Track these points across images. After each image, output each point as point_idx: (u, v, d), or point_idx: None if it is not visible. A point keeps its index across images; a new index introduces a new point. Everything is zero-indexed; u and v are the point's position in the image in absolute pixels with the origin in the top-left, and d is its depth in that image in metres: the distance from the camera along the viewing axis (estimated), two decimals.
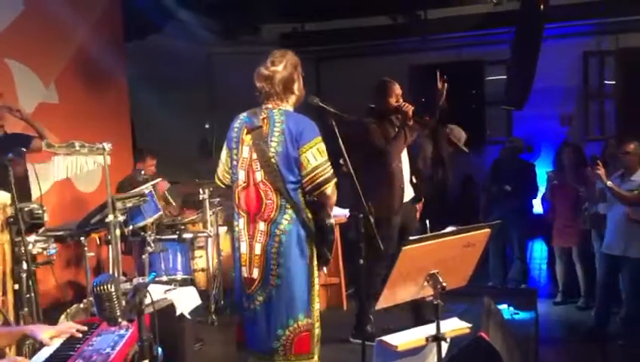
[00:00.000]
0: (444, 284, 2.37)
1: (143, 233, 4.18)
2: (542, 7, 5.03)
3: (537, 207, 6.35)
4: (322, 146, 2.70)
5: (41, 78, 5.12)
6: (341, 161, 3.09)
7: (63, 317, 3.44)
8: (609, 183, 4.28)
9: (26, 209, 2.90)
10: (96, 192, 5.53)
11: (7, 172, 2.76)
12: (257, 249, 2.68)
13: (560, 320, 5.19)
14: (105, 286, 1.57)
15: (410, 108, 3.85)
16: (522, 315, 4.43)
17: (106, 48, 5.61)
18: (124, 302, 1.62)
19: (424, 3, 7.39)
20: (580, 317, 5.14)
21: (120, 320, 1.63)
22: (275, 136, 2.68)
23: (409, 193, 4.06)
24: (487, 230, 2.50)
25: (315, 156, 2.66)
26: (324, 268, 2.89)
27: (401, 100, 3.93)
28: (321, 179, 2.67)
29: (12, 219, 2.69)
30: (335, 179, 2.72)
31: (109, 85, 5.91)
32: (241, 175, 2.74)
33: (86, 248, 3.78)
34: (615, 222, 4.42)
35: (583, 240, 5.27)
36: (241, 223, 2.73)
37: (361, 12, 7.88)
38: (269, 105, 2.75)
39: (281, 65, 2.73)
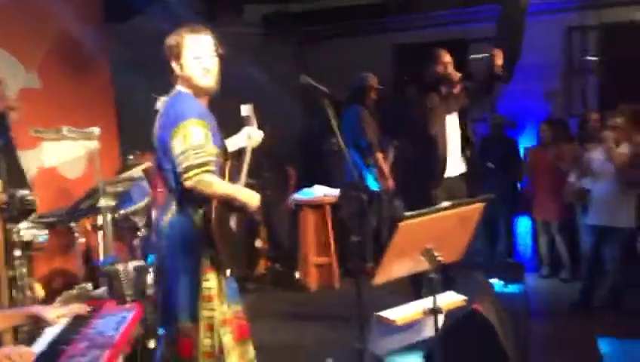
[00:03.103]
0: (439, 259, 2.40)
1: (133, 217, 4.16)
2: None
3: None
4: (191, 131, 2.39)
5: (23, 63, 5.01)
6: (333, 140, 3.10)
7: (56, 303, 3.43)
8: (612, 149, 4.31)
9: (17, 195, 2.87)
10: (81, 179, 5.45)
11: None
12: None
13: (546, 293, 5.29)
14: (113, 266, 1.57)
15: (455, 75, 3.79)
16: (510, 288, 4.51)
17: (88, 31, 5.50)
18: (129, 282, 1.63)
19: None
20: (564, 289, 5.22)
21: (128, 299, 1.63)
22: (157, 122, 2.54)
23: (456, 167, 3.93)
24: (481, 204, 2.54)
25: (181, 142, 2.39)
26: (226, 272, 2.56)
27: (449, 68, 3.84)
28: (183, 166, 2.38)
29: (4, 206, 2.66)
30: (203, 168, 2.38)
31: (93, 69, 5.80)
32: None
33: (76, 234, 3.75)
34: (602, 194, 4.50)
35: (564, 214, 5.37)
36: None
37: None
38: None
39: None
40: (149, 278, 1.68)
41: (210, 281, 2.48)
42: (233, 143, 2.79)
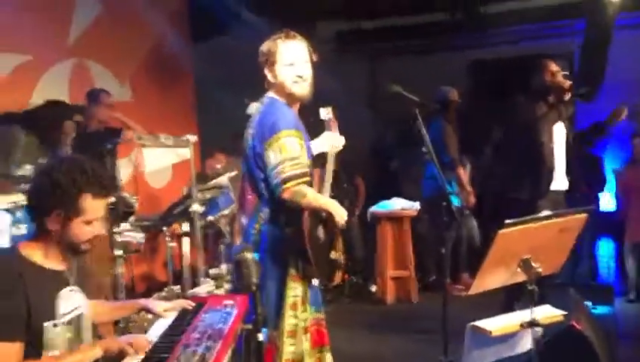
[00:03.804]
0: (538, 270, 2.34)
1: (218, 224, 4.29)
2: None
3: (604, 203, 6.19)
4: (287, 142, 2.40)
5: (117, 77, 5.33)
6: (424, 149, 3.09)
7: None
8: None
9: (122, 197, 3.03)
10: (166, 188, 5.70)
11: (104, 162, 2.90)
12: (238, 242, 2.62)
13: (634, 317, 5.04)
14: (244, 254, 1.64)
15: (565, 82, 3.80)
16: (600, 310, 4.32)
17: (175, 48, 5.80)
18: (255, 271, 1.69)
19: None
20: None
21: (254, 287, 1.69)
22: (250, 128, 2.54)
23: (560, 181, 3.90)
24: (584, 215, 2.45)
25: (276, 153, 2.39)
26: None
27: (558, 77, 3.85)
28: (279, 178, 2.37)
29: (111, 207, 2.82)
30: (299, 180, 2.39)
31: (178, 83, 6.10)
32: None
33: (168, 238, 3.90)
34: None
35: None
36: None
37: (419, 9, 7.84)
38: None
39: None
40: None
41: (297, 289, 2.49)
42: (314, 148, 2.77)
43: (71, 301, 1.86)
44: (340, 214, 2.54)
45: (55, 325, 1.77)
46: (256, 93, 2.66)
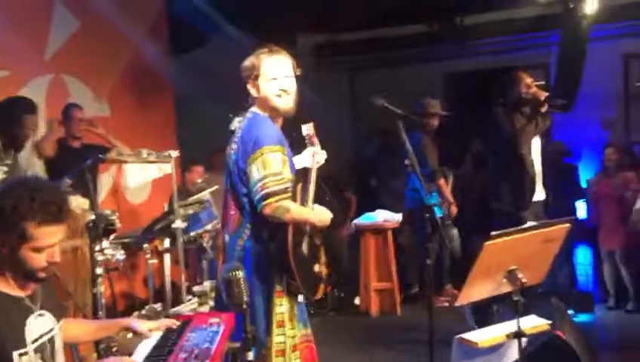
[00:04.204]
0: (523, 280, 2.36)
1: (200, 240, 4.24)
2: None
3: (581, 212, 6.29)
4: (270, 157, 2.40)
5: (95, 92, 5.26)
6: (406, 161, 3.11)
7: None
8: None
9: (103, 214, 2.98)
10: (145, 204, 5.62)
11: (85, 178, 2.84)
12: (221, 258, 2.58)
13: (613, 325, 5.09)
14: (235, 273, 1.61)
15: (542, 94, 3.84)
16: (581, 318, 4.37)
17: (153, 62, 5.75)
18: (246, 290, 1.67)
19: (461, 9, 7.40)
20: (631, 321, 4.99)
21: (245, 306, 1.66)
22: (234, 143, 2.54)
23: (540, 193, 3.97)
24: (567, 225, 2.49)
25: (259, 169, 2.40)
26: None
27: (533, 88, 3.89)
28: (261, 193, 2.38)
29: (91, 224, 2.76)
30: (282, 196, 2.39)
31: (157, 98, 6.04)
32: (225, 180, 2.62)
33: (148, 255, 3.85)
34: None
35: (627, 243, 5.20)
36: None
37: (397, 21, 7.92)
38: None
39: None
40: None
41: (283, 306, 2.48)
42: (297, 163, 2.75)
43: (38, 327, 1.80)
44: (324, 219, 2.56)
45: (23, 354, 1.71)
46: (236, 107, 2.66)
